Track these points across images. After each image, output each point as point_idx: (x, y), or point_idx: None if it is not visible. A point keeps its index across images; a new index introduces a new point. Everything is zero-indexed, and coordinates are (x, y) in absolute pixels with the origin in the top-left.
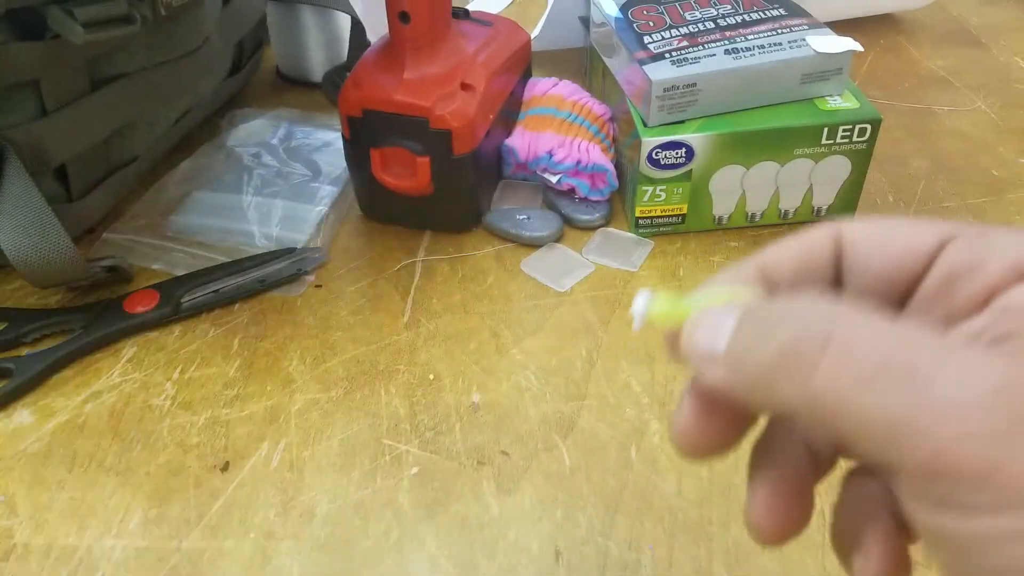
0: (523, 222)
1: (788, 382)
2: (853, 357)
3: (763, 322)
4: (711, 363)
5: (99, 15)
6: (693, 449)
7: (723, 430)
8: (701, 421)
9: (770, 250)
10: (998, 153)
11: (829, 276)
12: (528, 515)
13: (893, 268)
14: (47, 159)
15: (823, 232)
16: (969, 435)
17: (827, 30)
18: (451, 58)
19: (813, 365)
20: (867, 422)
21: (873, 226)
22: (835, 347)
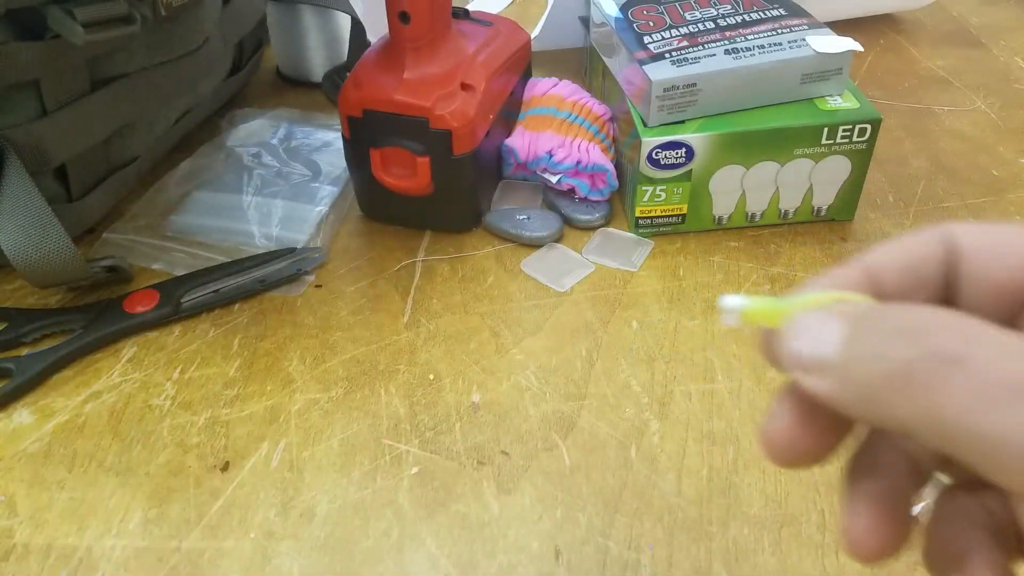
0: (523, 222)
1: (909, 400)
2: (985, 376)
3: (881, 332)
4: (817, 372)
5: (99, 15)
6: (788, 459)
7: (821, 439)
8: (798, 430)
9: (876, 252)
10: (998, 153)
11: (938, 283)
12: (528, 515)
13: (1014, 279)
14: (47, 159)
15: (933, 235)
16: None
17: (827, 30)
18: (451, 58)
19: (941, 383)
20: (998, 445)
21: (992, 233)
22: (967, 365)
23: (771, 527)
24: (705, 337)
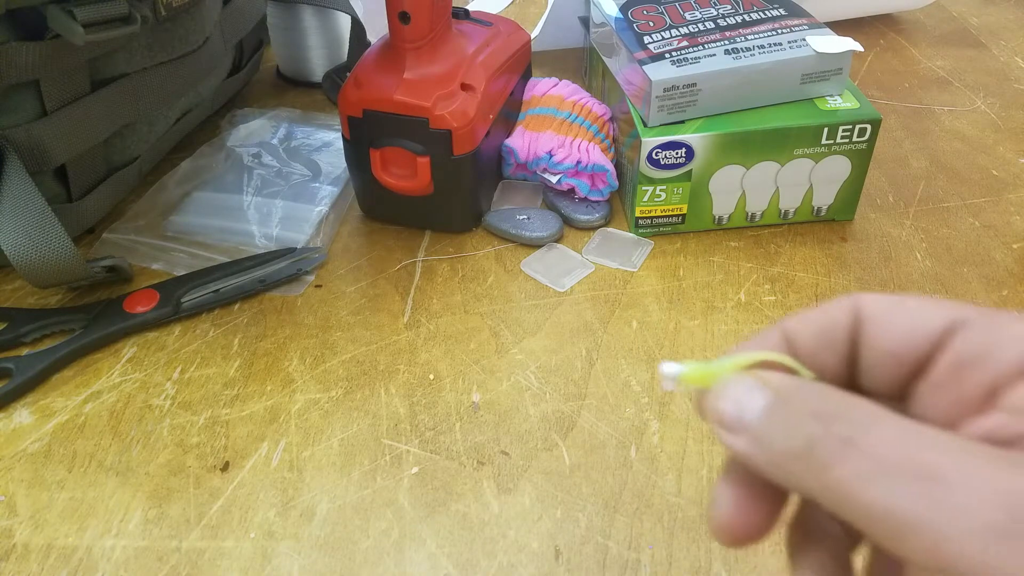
0: (523, 222)
1: (811, 472)
2: (872, 455)
3: (795, 409)
4: (735, 432)
5: (99, 15)
6: (738, 539)
7: (763, 515)
8: (741, 510)
9: (792, 319)
10: (998, 153)
11: (846, 349)
12: (528, 514)
13: (904, 348)
14: (47, 159)
15: (843, 304)
16: (978, 541)
17: (827, 30)
18: (451, 58)
19: (834, 461)
20: (880, 517)
21: (888, 303)
22: (856, 445)
23: None
24: (705, 337)
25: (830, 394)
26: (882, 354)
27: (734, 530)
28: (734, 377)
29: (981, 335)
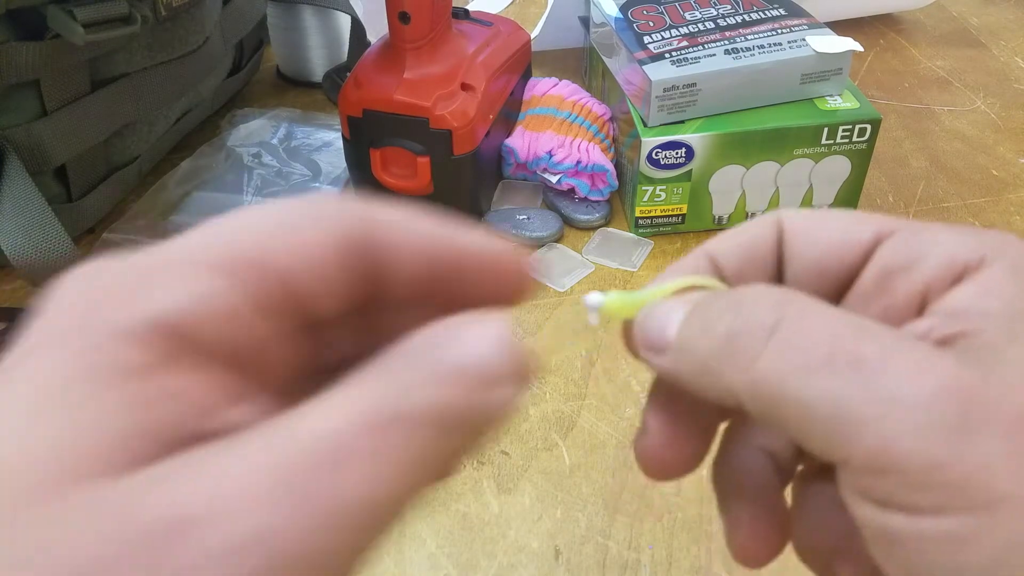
0: (523, 222)
1: (733, 367)
2: (799, 343)
3: (711, 311)
4: (659, 351)
5: (99, 15)
6: (663, 471)
7: (689, 446)
8: (667, 440)
9: (716, 240)
10: (998, 153)
11: (772, 266)
12: (528, 514)
13: (830, 259)
14: (47, 159)
15: (766, 221)
16: (914, 431)
17: (827, 30)
18: (451, 58)
19: (758, 351)
20: (811, 411)
21: (812, 217)
22: (781, 333)
23: None
24: None
25: (746, 288)
26: (808, 268)
27: (661, 461)
28: (655, 303)
29: (907, 244)
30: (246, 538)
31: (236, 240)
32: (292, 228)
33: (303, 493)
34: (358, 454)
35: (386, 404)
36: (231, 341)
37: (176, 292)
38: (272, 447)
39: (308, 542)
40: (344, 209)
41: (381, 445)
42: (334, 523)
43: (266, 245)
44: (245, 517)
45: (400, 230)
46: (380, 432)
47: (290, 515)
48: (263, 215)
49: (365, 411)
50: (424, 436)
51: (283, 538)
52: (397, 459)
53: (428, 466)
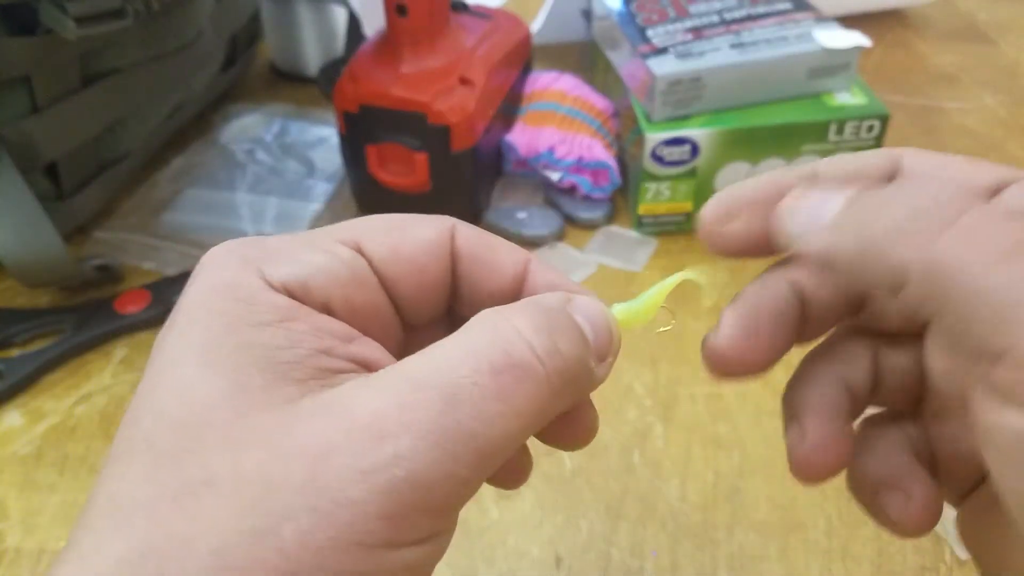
0: (523, 220)
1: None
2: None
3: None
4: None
5: (91, 10)
6: (732, 370)
7: (765, 349)
8: (743, 340)
9: (825, 163)
10: (1007, 150)
11: None
12: (528, 520)
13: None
14: (38, 156)
15: (885, 156)
16: None
17: (834, 24)
18: (450, 52)
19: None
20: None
21: (934, 159)
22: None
23: (778, 533)
24: None
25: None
26: None
27: (729, 359)
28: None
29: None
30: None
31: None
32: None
33: (429, 426)
34: (480, 394)
35: (509, 354)
36: (347, 299)
37: (309, 259)
38: (402, 380)
39: (432, 467)
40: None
41: (503, 388)
42: (453, 453)
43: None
44: (380, 445)
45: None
46: (501, 378)
47: (418, 444)
48: (385, 219)
49: (488, 355)
50: (541, 384)
51: (411, 462)
52: (515, 402)
53: (537, 414)
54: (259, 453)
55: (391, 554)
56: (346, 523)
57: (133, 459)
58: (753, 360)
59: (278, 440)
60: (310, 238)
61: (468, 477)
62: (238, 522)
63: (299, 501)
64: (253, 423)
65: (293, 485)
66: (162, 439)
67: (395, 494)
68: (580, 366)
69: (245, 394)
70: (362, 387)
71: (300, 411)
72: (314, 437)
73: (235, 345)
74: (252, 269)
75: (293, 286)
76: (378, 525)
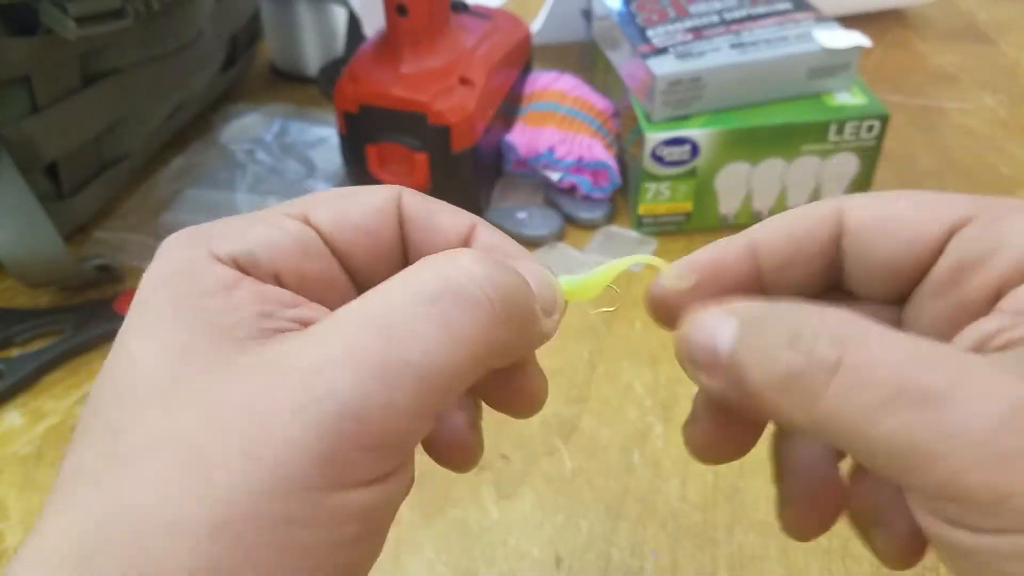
0: (523, 220)
1: (793, 405)
2: (863, 381)
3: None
4: (711, 370)
5: (91, 10)
6: (712, 455)
7: (740, 436)
8: (718, 429)
9: (761, 228)
10: (1007, 150)
11: (823, 264)
12: (528, 520)
13: (900, 258)
14: (38, 156)
15: (822, 214)
16: (980, 465)
17: (834, 24)
18: (450, 52)
19: (820, 391)
20: (879, 447)
21: (878, 209)
22: (845, 371)
23: (777, 533)
24: None
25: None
26: (874, 268)
27: (710, 449)
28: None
29: (982, 235)
30: (315, 396)
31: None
32: (347, 196)
33: (364, 358)
34: (416, 322)
35: (448, 280)
36: (296, 268)
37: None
38: (337, 323)
39: (368, 399)
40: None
41: (442, 313)
42: (390, 383)
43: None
44: (311, 382)
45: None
46: (440, 304)
47: (352, 376)
48: (333, 191)
49: (426, 286)
50: (481, 309)
51: (343, 394)
52: (455, 329)
53: (482, 343)
54: (197, 410)
55: (335, 496)
56: (279, 463)
57: (87, 435)
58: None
59: (215, 395)
60: (259, 215)
61: (411, 409)
62: (176, 477)
63: (231, 447)
64: (192, 384)
65: (226, 433)
66: (111, 411)
67: (329, 429)
68: (524, 300)
69: (185, 358)
70: (298, 337)
71: (238, 366)
72: (248, 387)
73: (179, 315)
74: (200, 247)
75: (241, 259)
76: (315, 465)
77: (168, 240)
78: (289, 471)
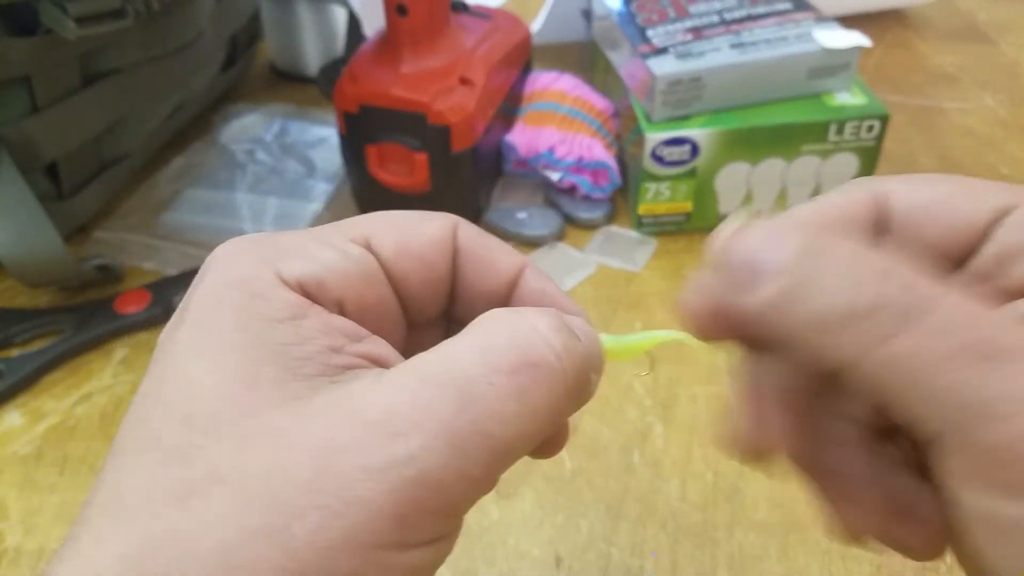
0: (523, 220)
1: (852, 345)
2: (936, 329)
3: (834, 266)
4: (757, 281)
5: (91, 9)
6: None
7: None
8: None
9: (802, 209)
10: (1007, 151)
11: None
12: (528, 520)
13: (943, 244)
14: (38, 156)
15: (862, 194)
16: None
17: (834, 24)
18: (450, 52)
19: (893, 331)
20: (938, 398)
21: (924, 194)
22: (920, 316)
23: (777, 533)
24: None
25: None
26: (921, 249)
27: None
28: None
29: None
30: (395, 459)
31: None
32: (408, 224)
33: (440, 423)
34: (496, 393)
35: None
36: (359, 296)
37: (323, 256)
38: (413, 379)
39: (444, 467)
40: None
41: (520, 387)
42: (466, 453)
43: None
44: (391, 443)
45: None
46: (518, 377)
47: (429, 444)
48: (396, 215)
49: (505, 353)
50: (558, 384)
51: (423, 461)
52: (531, 402)
53: (552, 414)
54: (267, 450)
55: (399, 555)
56: (355, 523)
57: (138, 455)
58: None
59: (286, 437)
60: (321, 235)
61: (480, 478)
62: (244, 519)
63: (307, 499)
64: (262, 420)
65: (301, 482)
66: (169, 434)
67: (405, 494)
68: (589, 370)
69: (254, 391)
70: (373, 384)
71: (309, 408)
72: (323, 434)
73: (246, 341)
74: (266, 265)
75: (308, 283)
76: (387, 525)
77: (226, 249)
78: (363, 530)
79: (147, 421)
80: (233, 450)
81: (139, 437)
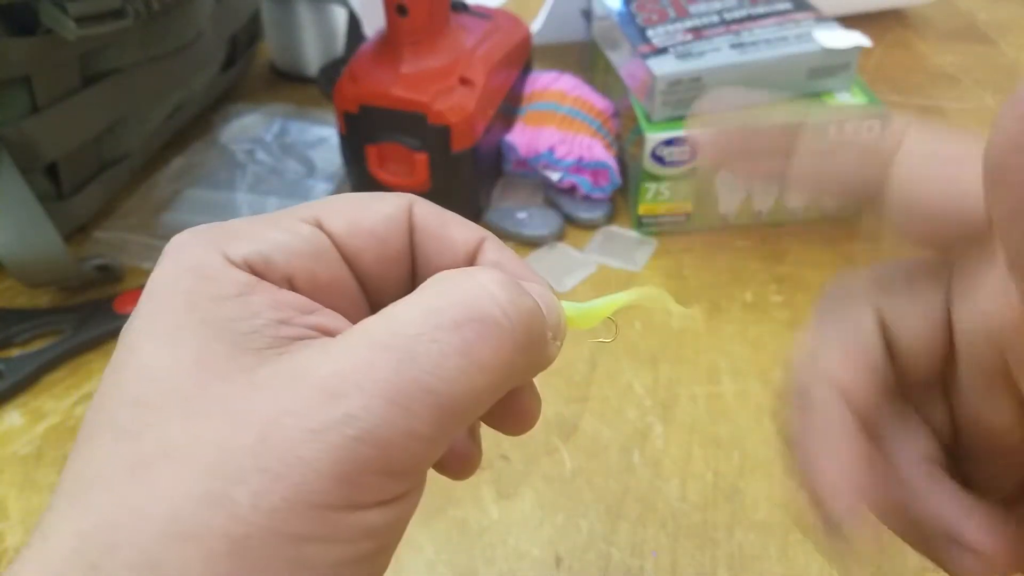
0: (523, 220)
1: None
2: None
3: None
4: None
5: (91, 10)
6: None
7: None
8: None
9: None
10: None
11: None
12: (528, 520)
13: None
14: (38, 156)
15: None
16: None
17: (834, 24)
18: (450, 52)
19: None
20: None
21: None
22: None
23: (777, 533)
24: (710, 338)
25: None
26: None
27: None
28: None
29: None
30: (335, 419)
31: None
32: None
33: (384, 382)
34: (439, 349)
35: (470, 306)
36: (309, 274)
37: (270, 236)
38: (358, 341)
39: (388, 426)
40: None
41: (464, 341)
42: (411, 411)
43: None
44: (331, 404)
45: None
46: (462, 331)
47: (371, 402)
48: (344, 196)
49: (449, 312)
50: (505, 338)
51: (364, 420)
52: (477, 357)
53: (502, 370)
54: (215, 421)
55: (349, 516)
56: (296, 483)
57: (94, 439)
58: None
59: (234, 407)
60: (272, 217)
61: (430, 436)
62: (191, 488)
63: (250, 463)
64: (210, 393)
65: (245, 448)
66: (122, 416)
67: (347, 452)
68: (540, 326)
69: (202, 366)
70: (319, 351)
71: (257, 378)
72: (269, 401)
73: (195, 321)
74: (214, 248)
75: (255, 262)
76: (331, 485)
77: (178, 239)
78: (307, 491)
79: (104, 407)
80: (183, 424)
81: (97, 422)
